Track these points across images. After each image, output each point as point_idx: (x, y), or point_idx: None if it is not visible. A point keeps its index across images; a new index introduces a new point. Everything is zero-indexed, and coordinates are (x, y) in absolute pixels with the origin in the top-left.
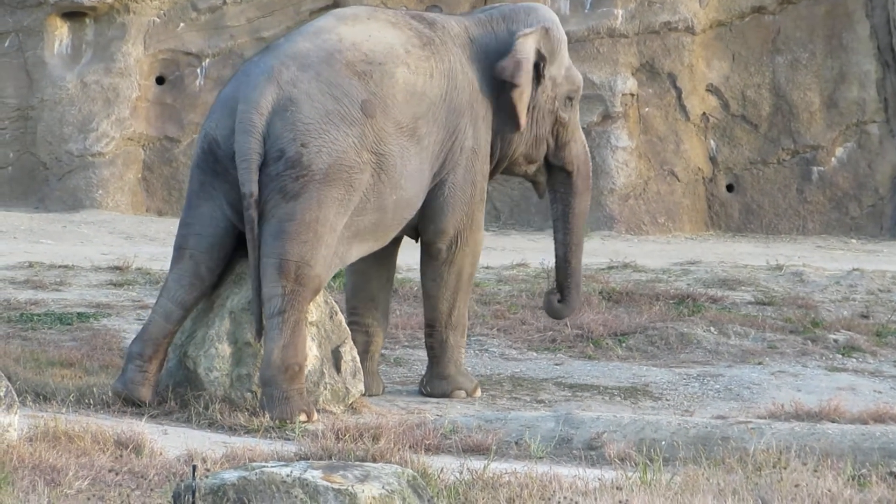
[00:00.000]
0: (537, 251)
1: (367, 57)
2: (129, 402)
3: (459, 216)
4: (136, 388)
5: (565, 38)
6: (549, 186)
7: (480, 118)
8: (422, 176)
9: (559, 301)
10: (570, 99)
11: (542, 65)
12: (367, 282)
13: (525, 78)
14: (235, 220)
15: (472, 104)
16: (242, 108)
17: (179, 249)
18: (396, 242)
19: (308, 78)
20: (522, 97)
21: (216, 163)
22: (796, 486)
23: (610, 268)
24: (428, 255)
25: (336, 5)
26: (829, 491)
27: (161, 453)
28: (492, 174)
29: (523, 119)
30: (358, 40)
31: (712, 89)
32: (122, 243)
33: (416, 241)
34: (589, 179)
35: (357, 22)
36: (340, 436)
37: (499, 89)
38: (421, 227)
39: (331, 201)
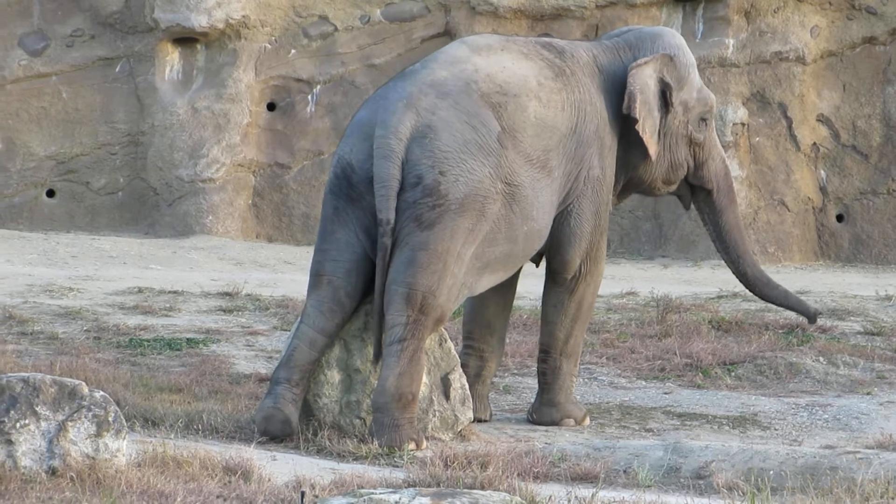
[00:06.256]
0: (647, 280)
1: (502, 88)
2: (276, 422)
3: (584, 246)
4: (286, 405)
5: (693, 61)
6: (694, 204)
7: (607, 148)
8: (551, 207)
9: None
10: (704, 120)
11: (668, 92)
12: (485, 307)
13: (643, 109)
14: (368, 247)
15: (600, 134)
16: (381, 132)
17: (317, 276)
18: (518, 270)
19: (446, 106)
20: (645, 129)
21: (350, 188)
22: None
23: (720, 297)
24: (552, 283)
25: (447, 33)
26: None
27: (269, 479)
28: (621, 197)
29: (652, 149)
30: (493, 71)
31: (823, 119)
32: (231, 269)
33: (537, 267)
34: (732, 192)
35: (491, 52)
36: (449, 463)
37: (627, 119)
38: (548, 256)
39: (462, 231)
